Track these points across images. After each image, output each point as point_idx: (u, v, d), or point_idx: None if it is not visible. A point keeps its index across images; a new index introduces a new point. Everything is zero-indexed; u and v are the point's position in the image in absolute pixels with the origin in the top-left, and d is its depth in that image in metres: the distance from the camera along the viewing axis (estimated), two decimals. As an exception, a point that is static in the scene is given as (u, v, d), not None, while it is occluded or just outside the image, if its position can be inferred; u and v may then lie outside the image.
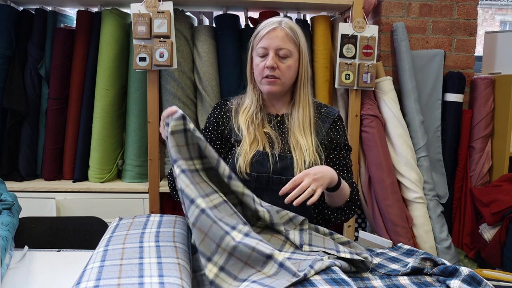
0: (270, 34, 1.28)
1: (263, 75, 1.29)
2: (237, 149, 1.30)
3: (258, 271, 0.89)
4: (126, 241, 0.99)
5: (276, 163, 1.26)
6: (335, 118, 1.37)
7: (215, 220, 0.90)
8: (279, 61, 1.28)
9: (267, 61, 1.27)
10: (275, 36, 1.27)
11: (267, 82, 1.29)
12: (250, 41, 1.36)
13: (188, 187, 0.94)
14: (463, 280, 0.92)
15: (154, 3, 1.89)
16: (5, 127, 2.06)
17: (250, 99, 1.36)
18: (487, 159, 2.24)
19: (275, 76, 1.28)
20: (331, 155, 1.35)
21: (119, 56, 2.07)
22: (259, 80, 1.31)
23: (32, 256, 1.22)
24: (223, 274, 0.88)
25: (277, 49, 1.27)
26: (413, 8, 2.27)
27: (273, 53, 1.27)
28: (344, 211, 1.31)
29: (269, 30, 1.28)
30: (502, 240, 1.93)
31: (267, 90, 1.30)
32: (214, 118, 1.40)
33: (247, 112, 1.34)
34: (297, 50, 1.31)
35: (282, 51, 1.27)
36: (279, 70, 1.28)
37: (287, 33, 1.28)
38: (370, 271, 1.06)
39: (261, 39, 1.29)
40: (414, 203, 2.09)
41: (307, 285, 0.86)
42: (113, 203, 2.02)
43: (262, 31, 1.30)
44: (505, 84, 2.19)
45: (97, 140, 2.09)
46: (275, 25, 1.29)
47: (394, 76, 2.19)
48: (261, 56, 1.29)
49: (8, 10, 2.04)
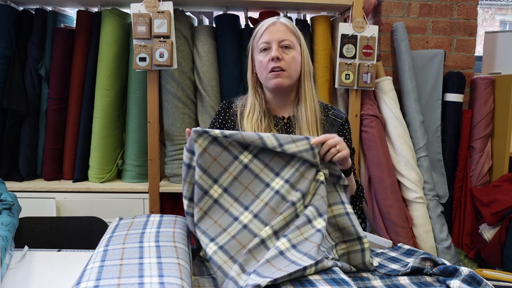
0: (271, 28, 1.28)
1: (269, 69, 1.26)
2: None
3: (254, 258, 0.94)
4: (126, 241, 0.99)
5: None
6: (342, 122, 1.36)
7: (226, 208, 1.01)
8: (283, 52, 1.26)
9: (272, 53, 1.25)
10: (275, 30, 1.27)
11: (274, 76, 1.26)
12: (249, 45, 1.35)
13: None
14: (463, 280, 0.92)
15: (154, 3, 1.88)
16: (5, 127, 2.06)
17: (253, 105, 1.33)
18: (487, 159, 2.24)
19: (281, 68, 1.25)
20: None
21: (119, 56, 2.07)
22: (264, 76, 1.28)
23: (32, 256, 1.22)
24: (220, 252, 0.95)
25: (279, 41, 1.26)
26: (413, 8, 2.27)
27: (276, 45, 1.26)
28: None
29: (268, 25, 1.29)
30: (502, 240, 1.93)
31: (275, 83, 1.26)
32: (219, 124, 1.38)
33: (252, 117, 1.31)
34: (298, 43, 1.31)
35: (285, 42, 1.26)
36: (284, 61, 1.26)
37: (287, 25, 1.29)
38: (370, 271, 1.06)
39: (262, 35, 1.29)
40: (414, 203, 2.09)
41: (307, 285, 0.86)
42: (113, 203, 2.02)
43: (261, 28, 1.30)
44: (505, 84, 2.19)
45: (97, 140, 2.09)
46: (273, 20, 1.30)
47: (394, 76, 2.19)
48: (264, 51, 1.28)
49: (8, 10, 2.04)
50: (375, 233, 2.10)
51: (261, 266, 0.89)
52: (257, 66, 1.31)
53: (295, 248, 0.94)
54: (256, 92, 1.34)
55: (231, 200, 1.04)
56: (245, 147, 1.04)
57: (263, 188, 1.04)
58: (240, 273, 0.90)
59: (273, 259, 0.91)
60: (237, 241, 0.97)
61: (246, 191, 1.04)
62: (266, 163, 1.05)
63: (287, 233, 0.97)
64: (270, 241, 0.96)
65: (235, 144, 1.04)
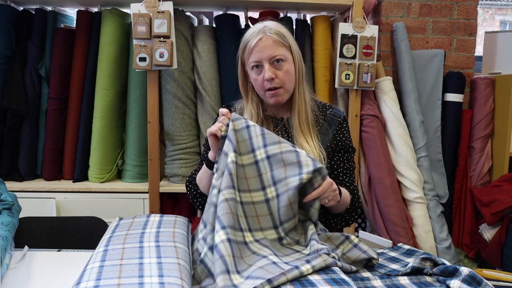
0: (258, 46, 1.23)
1: (265, 88, 1.26)
2: None
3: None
4: (126, 241, 0.99)
5: None
6: (340, 120, 1.36)
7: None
8: (275, 70, 1.24)
9: (265, 74, 1.23)
10: (263, 47, 1.23)
11: (271, 95, 1.26)
12: (238, 55, 1.32)
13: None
14: (463, 280, 0.92)
15: (154, 3, 1.89)
16: (5, 127, 2.06)
17: (250, 113, 1.32)
18: (487, 159, 2.24)
19: (276, 87, 1.25)
20: (336, 158, 1.35)
21: (119, 56, 2.07)
22: (262, 94, 1.29)
23: (32, 256, 1.22)
24: (227, 244, 0.94)
25: (270, 58, 1.23)
26: (413, 8, 2.27)
27: (267, 64, 1.23)
28: (344, 218, 1.32)
29: (255, 42, 1.23)
30: (502, 240, 1.93)
31: (274, 102, 1.27)
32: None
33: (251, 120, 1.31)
34: (289, 52, 1.27)
35: (275, 57, 1.23)
36: (278, 79, 1.24)
37: (275, 39, 1.24)
38: (370, 271, 1.06)
39: (251, 54, 1.25)
40: (414, 203, 2.09)
41: (307, 285, 0.86)
42: (113, 203, 2.02)
43: (249, 44, 1.25)
44: (505, 84, 2.19)
45: (97, 140, 2.09)
46: (260, 35, 1.24)
47: (394, 76, 2.19)
48: (256, 68, 1.26)
49: (8, 10, 2.04)
50: (375, 233, 2.10)
51: (254, 271, 0.90)
52: (253, 82, 1.30)
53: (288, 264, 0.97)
54: (253, 101, 1.33)
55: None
56: (264, 146, 1.11)
57: (258, 189, 1.10)
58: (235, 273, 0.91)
59: (267, 266, 0.93)
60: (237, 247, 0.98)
61: (244, 182, 1.09)
62: (272, 169, 1.10)
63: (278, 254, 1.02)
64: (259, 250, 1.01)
65: (260, 140, 1.11)
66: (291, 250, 1.06)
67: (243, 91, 1.35)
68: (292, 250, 1.06)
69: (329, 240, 1.11)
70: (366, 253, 1.06)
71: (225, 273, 0.88)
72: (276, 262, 0.95)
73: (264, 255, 0.98)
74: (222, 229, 0.95)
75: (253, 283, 0.84)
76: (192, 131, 2.10)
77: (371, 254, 1.06)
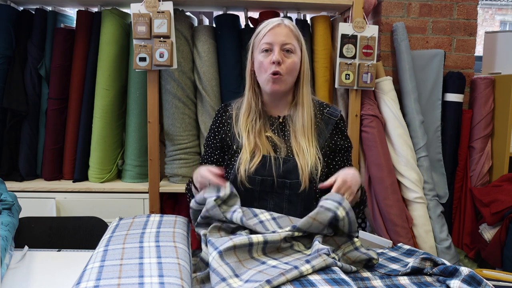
0: (275, 30, 1.28)
1: (269, 71, 1.27)
2: (239, 156, 1.29)
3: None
4: (126, 241, 0.99)
5: (280, 167, 1.26)
6: (337, 120, 1.37)
7: None
8: (284, 56, 1.27)
9: (273, 56, 1.25)
10: (279, 32, 1.27)
11: (273, 80, 1.27)
12: (250, 42, 1.35)
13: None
14: (463, 280, 0.92)
15: (154, 3, 1.88)
16: (5, 127, 2.06)
17: (249, 105, 1.34)
18: (487, 159, 2.24)
19: (280, 73, 1.26)
20: (336, 158, 1.35)
21: (119, 56, 2.07)
22: (263, 78, 1.29)
23: (32, 256, 1.22)
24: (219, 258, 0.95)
25: (282, 44, 1.26)
26: (413, 8, 2.27)
27: (278, 48, 1.26)
28: (354, 210, 1.32)
29: (272, 26, 1.28)
30: (502, 240, 1.93)
31: (271, 88, 1.28)
32: (216, 127, 1.40)
33: (247, 118, 1.33)
34: (300, 48, 1.31)
35: (287, 45, 1.27)
36: (284, 65, 1.26)
37: (291, 29, 1.29)
38: (370, 271, 1.06)
39: (265, 36, 1.28)
40: (414, 203, 2.09)
41: (307, 285, 0.86)
42: (113, 203, 2.02)
43: (265, 28, 1.29)
44: (505, 84, 2.19)
45: (97, 140, 2.09)
46: (278, 21, 1.30)
47: (394, 76, 2.19)
48: (265, 51, 1.28)
49: (8, 10, 2.04)
50: (375, 233, 2.10)
51: (254, 275, 0.90)
52: (257, 66, 1.31)
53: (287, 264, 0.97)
54: (254, 91, 1.35)
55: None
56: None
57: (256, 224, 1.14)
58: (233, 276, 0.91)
59: (266, 270, 0.93)
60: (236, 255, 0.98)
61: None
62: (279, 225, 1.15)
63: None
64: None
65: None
66: (292, 250, 1.06)
67: (248, 79, 1.36)
68: (293, 250, 1.06)
69: (332, 240, 1.11)
70: (366, 254, 1.06)
71: (220, 282, 0.88)
72: (276, 265, 0.95)
73: (263, 261, 0.98)
74: (215, 250, 0.96)
75: (253, 286, 0.85)
76: (192, 131, 2.10)
77: (371, 255, 1.07)
